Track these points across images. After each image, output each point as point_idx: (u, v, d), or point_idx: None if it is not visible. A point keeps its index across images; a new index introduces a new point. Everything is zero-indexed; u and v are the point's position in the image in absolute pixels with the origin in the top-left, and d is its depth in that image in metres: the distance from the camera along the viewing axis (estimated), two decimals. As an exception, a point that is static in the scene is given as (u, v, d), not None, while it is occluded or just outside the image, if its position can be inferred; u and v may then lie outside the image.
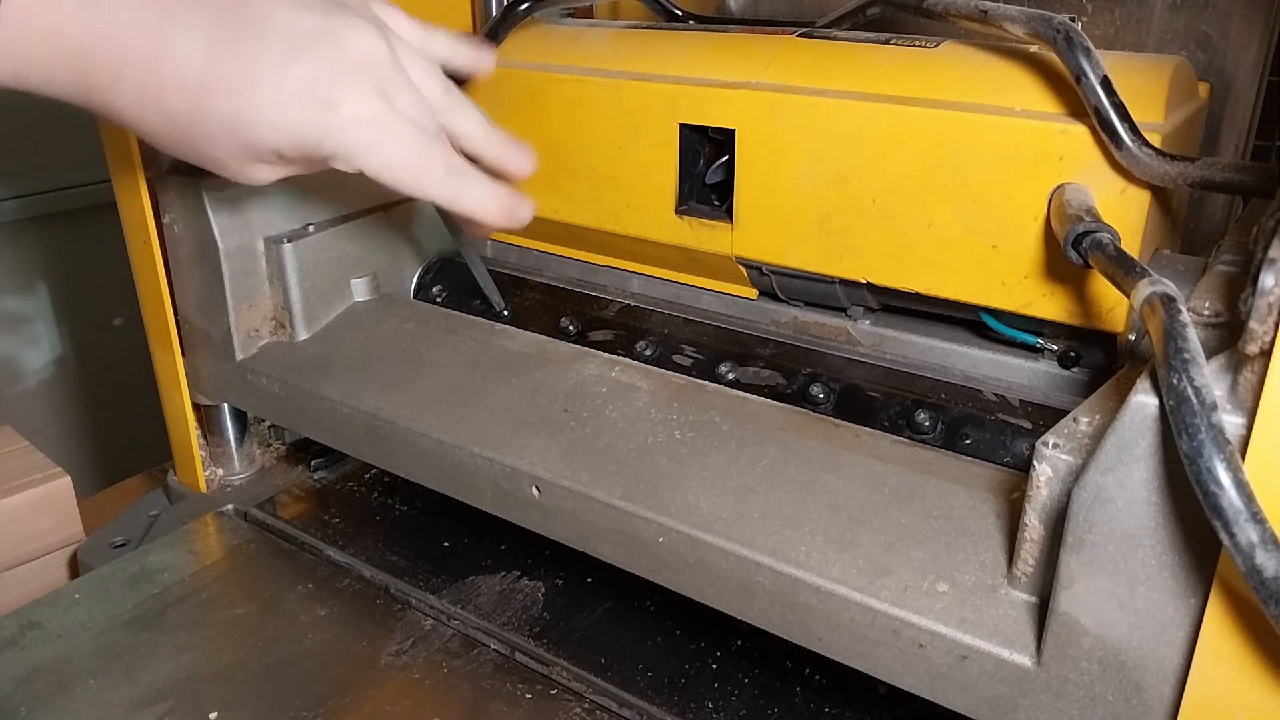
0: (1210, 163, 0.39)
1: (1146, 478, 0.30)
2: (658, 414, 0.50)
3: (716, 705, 0.47)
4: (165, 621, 0.51)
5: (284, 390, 0.58)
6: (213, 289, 0.59)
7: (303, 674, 0.48)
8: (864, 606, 0.38)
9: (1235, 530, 0.25)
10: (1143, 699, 0.33)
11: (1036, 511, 0.35)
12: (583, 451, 0.47)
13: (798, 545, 0.40)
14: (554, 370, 0.54)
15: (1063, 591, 0.33)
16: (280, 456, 0.69)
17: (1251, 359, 0.28)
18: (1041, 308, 0.46)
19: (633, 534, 0.44)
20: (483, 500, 0.50)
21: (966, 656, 0.36)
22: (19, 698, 0.46)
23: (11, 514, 0.65)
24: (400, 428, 0.52)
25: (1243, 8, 0.54)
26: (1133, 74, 0.44)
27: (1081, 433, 0.34)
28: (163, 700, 0.46)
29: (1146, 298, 0.31)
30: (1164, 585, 0.31)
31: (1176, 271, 0.43)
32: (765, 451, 0.46)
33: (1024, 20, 0.43)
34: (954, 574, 0.38)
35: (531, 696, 0.47)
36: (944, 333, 0.53)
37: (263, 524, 0.60)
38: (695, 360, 0.55)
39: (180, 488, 0.66)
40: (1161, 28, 0.56)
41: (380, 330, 0.61)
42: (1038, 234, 0.44)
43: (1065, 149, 0.43)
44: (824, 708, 0.47)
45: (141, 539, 0.61)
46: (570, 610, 0.53)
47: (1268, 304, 0.27)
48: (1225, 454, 0.26)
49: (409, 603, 0.53)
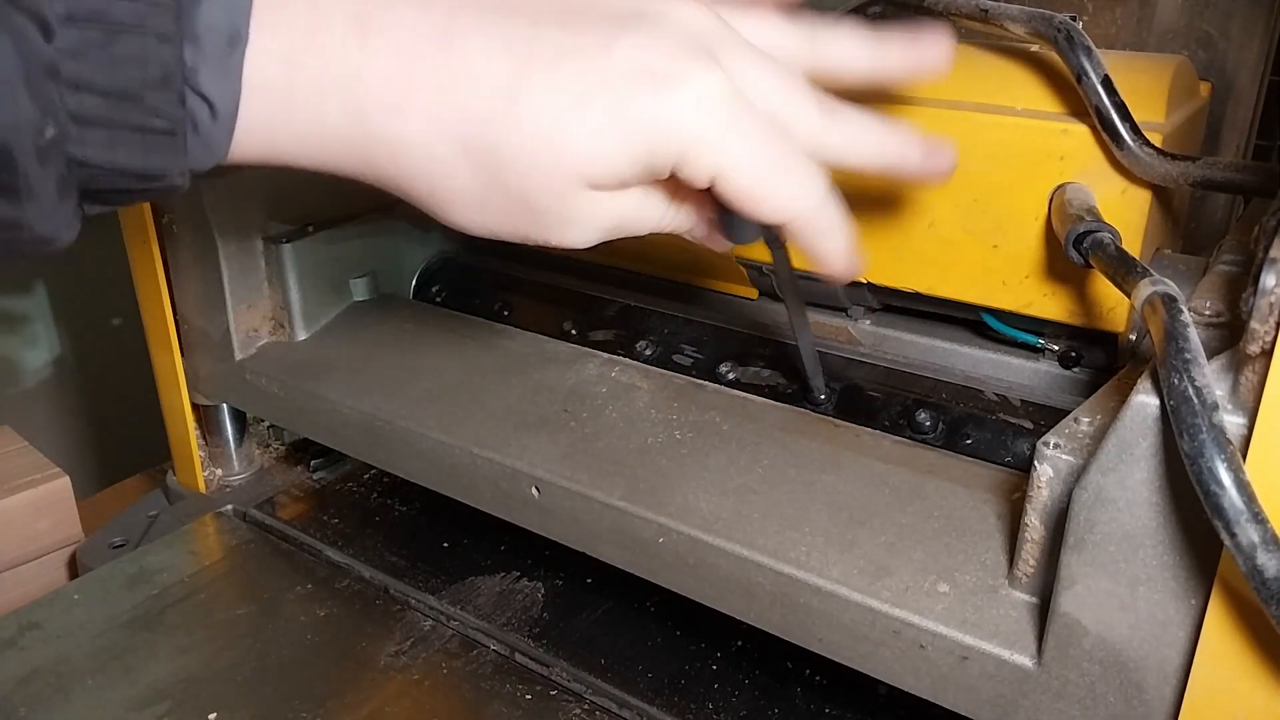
0: (1211, 162, 0.39)
1: (1147, 478, 0.30)
2: (658, 414, 0.50)
3: (716, 705, 0.47)
4: (164, 622, 0.51)
5: (283, 390, 0.58)
6: (212, 289, 0.59)
7: (302, 674, 0.48)
8: (864, 607, 0.37)
9: (1236, 530, 0.25)
10: (1144, 699, 0.33)
11: (1037, 512, 0.35)
12: (583, 451, 0.47)
13: (798, 546, 0.40)
14: (554, 370, 0.54)
15: (1064, 592, 0.33)
16: (279, 457, 0.69)
17: (1252, 359, 0.28)
18: (1042, 307, 0.46)
19: (633, 534, 0.44)
20: (482, 500, 0.50)
21: (967, 657, 0.36)
22: (18, 698, 0.46)
23: (11, 514, 0.65)
24: (400, 428, 0.52)
25: (1244, 7, 0.54)
26: (1134, 73, 0.44)
27: (1082, 433, 0.34)
28: (162, 701, 0.46)
29: (1148, 297, 0.31)
30: (1165, 586, 0.31)
31: (1178, 271, 0.43)
32: (765, 451, 0.46)
33: (1025, 19, 0.43)
34: (955, 574, 0.38)
35: (531, 697, 0.47)
36: (944, 333, 0.52)
37: (262, 524, 0.60)
38: (695, 360, 0.55)
39: (179, 488, 0.66)
40: (1163, 27, 0.56)
41: (380, 330, 0.61)
42: (1039, 234, 0.44)
43: (1066, 148, 0.43)
44: (824, 708, 0.47)
45: (140, 539, 0.61)
46: (570, 611, 0.53)
47: (1269, 304, 0.27)
48: (1226, 454, 0.26)
49: (408, 603, 0.53)
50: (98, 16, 0.25)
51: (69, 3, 0.24)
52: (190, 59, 0.26)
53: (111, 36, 0.25)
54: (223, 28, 0.26)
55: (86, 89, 0.25)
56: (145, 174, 0.27)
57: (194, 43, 0.26)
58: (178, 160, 0.27)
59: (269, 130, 0.29)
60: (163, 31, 0.25)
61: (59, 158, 0.25)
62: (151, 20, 0.25)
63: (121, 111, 0.26)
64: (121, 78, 0.25)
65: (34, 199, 0.25)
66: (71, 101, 0.25)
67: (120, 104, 0.25)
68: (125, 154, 0.26)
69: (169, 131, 0.26)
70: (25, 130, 0.24)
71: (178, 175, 0.28)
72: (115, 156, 0.26)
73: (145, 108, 0.26)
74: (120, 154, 0.26)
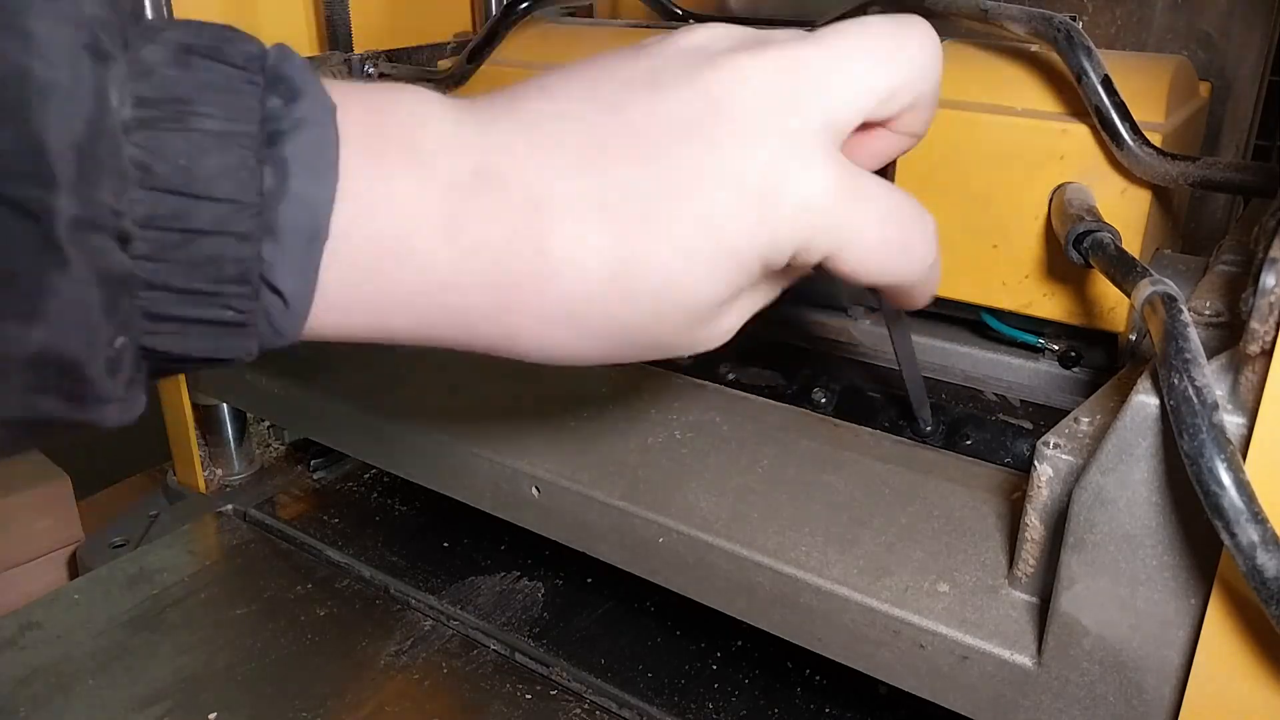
0: (1211, 162, 0.39)
1: (1147, 478, 0.30)
2: (658, 414, 0.50)
3: (716, 705, 0.47)
4: (164, 622, 0.51)
5: (283, 390, 0.58)
6: (212, 289, 0.59)
7: (302, 674, 0.48)
8: (864, 607, 0.37)
9: (1236, 530, 0.25)
10: (1144, 699, 0.33)
11: (1037, 512, 0.35)
12: (583, 451, 0.47)
13: (798, 545, 0.40)
14: (554, 370, 0.54)
15: (1064, 592, 0.33)
16: (280, 456, 0.69)
17: (1252, 359, 0.28)
18: (1042, 307, 0.46)
19: (633, 534, 0.44)
20: (483, 500, 0.50)
21: (967, 657, 0.36)
22: (18, 698, 0.46)
23: (11, 514, 0.65)
24: (400, 428, 0.52)
25: (1244, 7, 0.54)
26: (1134, 73, 0.44)
27: (1082, 433, 0.34)
28: (162, 700, 0.46)
29: (1148, 297, 0.31)
30: (1165, 585, 0.31)
31: (1177, 271, 0.43)
32: (765, 451, 0.46)
33: (1025, 19, 0.43)
34: (955, 574, 0.38)
35: (531, 697, 0.47)
36: (944, 332, 0.52)
37: (262, 524, 0.60)
38: (695, 360, 0.55)
39: (179, 488, 0.66)
40: (1163, 27, 0.56)
41: (380, 330, 0.61)
42: (1038, 233, 0.44)
43: (1066, 148, 0.43)
44: (824, 708, 0.47)
45: (141, 539, 0.61)
46: (570, 611, 0.53)
47: (1268, 303, 0.27)
48: (1226, 454, 0.26)
49: (409, 603, 0.53)
50: (178, 219, 0.23)
51: (150, 205, 0.23)
52: (269, 255, 0.24)
53: (190, 238, 0.23)
54: (304, 227, 0.25)
55: (162, 289, 0.24)
56: (214, 359, 0.26)
57: (273, 240, 0.24)
58: (247, 346, 0.26)
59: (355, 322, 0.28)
60: (243, 232, 0.24)
61: (130, 361, 0.24)
62: (233, 222, 0.24)
63: (195, 308, 0.24)
64: (197, 278, 0.24)
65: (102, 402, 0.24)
66: (145, 300, 0.24)
67: (193, 301, 0.24)
68: (197, 344, 0.25)
69: (240, 324, 0.25)
70: (98, 346, 0.23)
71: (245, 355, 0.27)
72: (187, 347, 0.25)
73: (219, 303, 0.25)
74: (191, 344, 0.25)
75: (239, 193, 0.23)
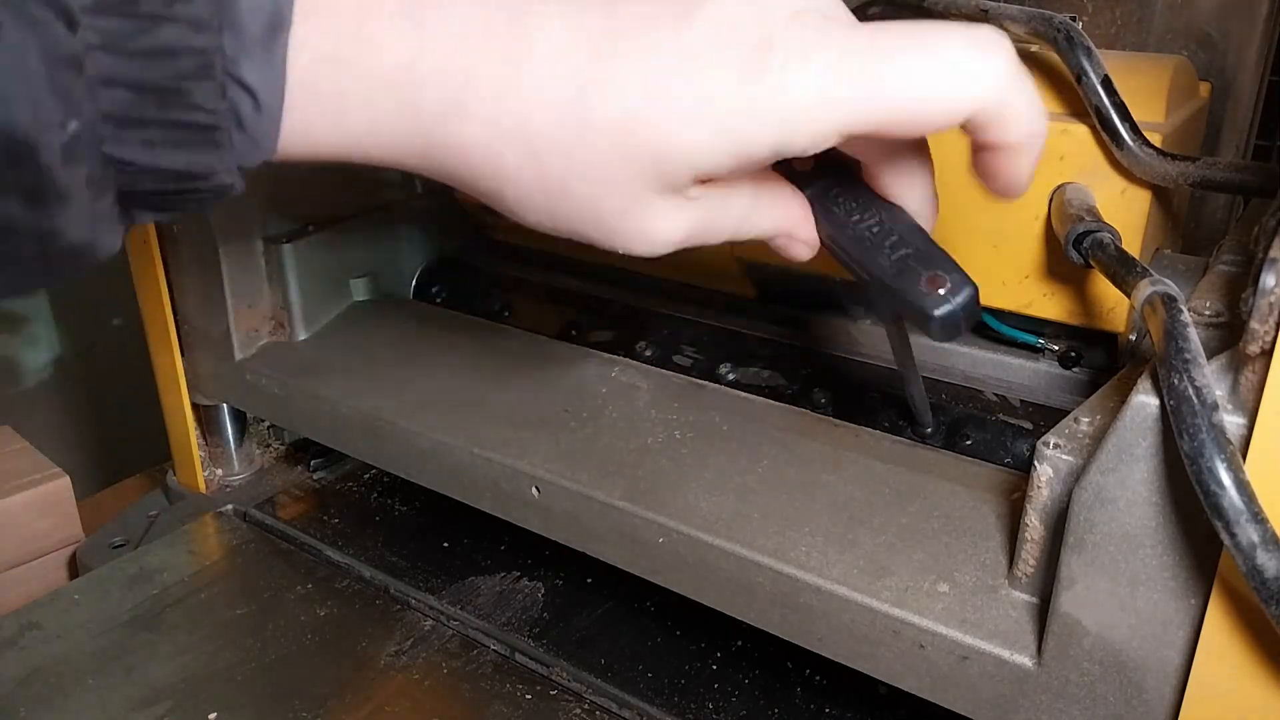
0: (1211, 162, 0.39)
1: (1147, 478, 0.30)
2: (658, 414, 0.50)
3: (716, 705, 0.47)
4: (164, 622, 0.51)
5: (283, 390, 0.58)
6: (212, 289, 0.59)
7: (302, 674, 0.48)
8: (864, 607, 0.37)
9: (1236, 530, 0.25)
10: (1144, 699, 0.33)
11: (1037, 512, 0.35)
12: (583, 451, 0.47)
13: (798, 545, 0.40)
14: (554, 370, 0.54)
15: (1064, 592, 0.33)
16: (279, 456, 0.69)
17: (1252, 359, 0.28)
18: (1042, 307, 0.46)
19: (633, 534, 0.44)
20: (483, 501, 0.50)
21: (967, 657, 0.36)
22: (18, 698, 0.46)
23: (11, 514, 0.64)
24: (400, 428, 0.52)
25: (1244, 7, 0.54)
26: (1134, 74, 0.44)
27: (1082, 433, 0.34)
28: (162, 701, 0.46)
29: (1147, 297, 0.31)
30: (1165, 585, 0.31)
31: (1177, 271, 0.43)
32: (765, 452, 0.46)
33: (1025, 20, 0.43)
34: (954, 574, 0.38)
35: (531, 697, 0.47)
36: (944, 333, 0.52)
37: (262, 524, 0.60)
38: (695, 360, 0.55)
39: (179, 488, 0.66)
40: (1162, 27, 0.56)
41: (380, 330, 0.61)
42: (1038, 234, 0.44)
43: (1066, 148, 0.43)
44: (824, 708, 0.47)
45: (141, 539, 0.61)
46: (570, 611, 0.53)
47: (1268, 304, 0.27)
48: (1226, 454, 0.26)
49: (409, 603, 0.53)
50: (126, 5, 0.22)
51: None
52: (230, 47, 0.24)
53: (142, 26, 0.23)
54: (263, 12, 0.24)
55: (118, 84, 0.23)
56: (190, 174, 0.25)
57: (233, 29, 0.23)
58: (223, 157, 0.25)
59: (318, 125, 0.27)
60: (198, 18, 0.23)
61: (90, 156, 0.23)
62: (185, 7, 0.23)
63: (157, 107, 0.23)
64: (155, 71, 0.23)
65: (64, 201, 0.23)
66: (102, 98, 0.23)
67: (155, 99, 0.23)
68: (166, 153, 0.24)
69: (210, 126, 0.24)
70: (48, 127, 0.22)
71: (225, 174, 0.25)
72: (155, 156, 0.24)
73: (183, 102, 0.24)
74: (160, 153, 0.24)
75: None
